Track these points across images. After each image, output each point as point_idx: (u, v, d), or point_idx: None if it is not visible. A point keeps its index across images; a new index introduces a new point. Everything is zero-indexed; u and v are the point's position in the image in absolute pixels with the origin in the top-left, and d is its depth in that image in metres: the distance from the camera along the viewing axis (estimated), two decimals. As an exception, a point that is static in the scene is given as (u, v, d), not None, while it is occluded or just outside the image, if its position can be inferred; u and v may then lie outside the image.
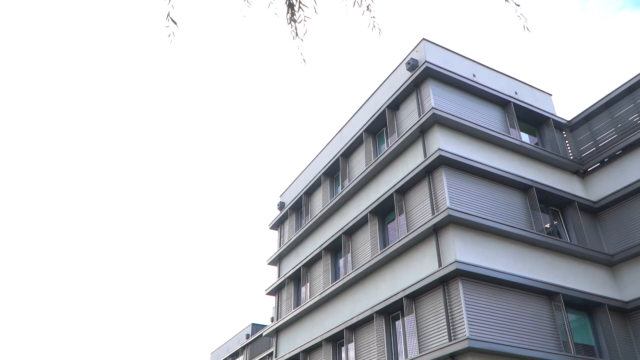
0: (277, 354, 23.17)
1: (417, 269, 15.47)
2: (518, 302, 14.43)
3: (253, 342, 45.53)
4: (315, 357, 19.98)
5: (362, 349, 17.19)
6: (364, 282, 18.00)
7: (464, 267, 13.68)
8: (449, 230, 14.64)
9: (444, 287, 14.19)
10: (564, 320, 14.79)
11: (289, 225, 25.62)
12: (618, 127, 18.25)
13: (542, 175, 17.70)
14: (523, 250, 15.47)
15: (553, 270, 15.66)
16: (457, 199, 15.19)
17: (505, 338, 13.48)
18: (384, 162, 18.47)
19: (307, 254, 22.64)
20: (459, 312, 13.44)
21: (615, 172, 17.90)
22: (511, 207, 16.24)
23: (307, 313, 21.29)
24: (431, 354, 13.58)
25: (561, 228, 17.57)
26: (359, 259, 18.78)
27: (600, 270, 16.84)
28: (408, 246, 16.02)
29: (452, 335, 13.41)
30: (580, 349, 15.01)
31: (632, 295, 16.21)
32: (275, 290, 24.98)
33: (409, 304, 15.29)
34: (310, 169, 24.82)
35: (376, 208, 18.24)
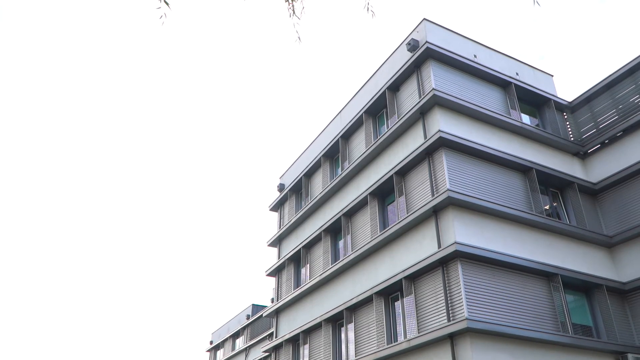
0: (277, 334, 23.40)
1: (416, 251, 15.55)
2: (517, 283, 14.52)
3: (253, 322, 45.98)
4: (315, 337, 20.18)
5: (361, 330, 17.35)
6: (363, 263, 18.10)
7: (463, 249, 13.74)
8: (448, 212, 14.67)
9: (443, 268, 14.28)
10: (562, 301, 14.91)
11: (289, 207, 25.67)
12: (619, 108, 18.18)
13: (542, 157, 17.68)
14: (522, 231, 15.53)
15: (552, 252, 15.74)
16: (457, 180, 15.20)
17: (504, 318, 13.60)
18: (384, 144, 18.43)
19: (307, 235, 22.73)
20: (458, 293, 13.54)
21: (615, 154, 17.88)
22: (511, 189, 16.26)
23: (307, 294, 21.44)
24: (430, 334, 13.71)
25: (560, 209, 17.61)
26: (359, 240, 18.85)
27: (599, 251, 16.93)
28: (407, 228, 16.07)
29: (451, 316, 13.53)
30: (578, 330, 15.16)
31: (630, 277, 16.32)
32: (275, 272, 25.14)
33: (408, 285, 15.39)
34: (310, 151, 24.79)
35: (376, 190, 18.26)
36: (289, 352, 21.73)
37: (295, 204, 25.28)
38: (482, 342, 12.92)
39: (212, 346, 55.91)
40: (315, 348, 19.90)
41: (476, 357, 12.59)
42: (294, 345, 21.75)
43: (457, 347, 13.12)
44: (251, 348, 44.93)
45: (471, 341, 12.77)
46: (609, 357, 14.91)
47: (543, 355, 13.70)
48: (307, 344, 20.52)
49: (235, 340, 50.38)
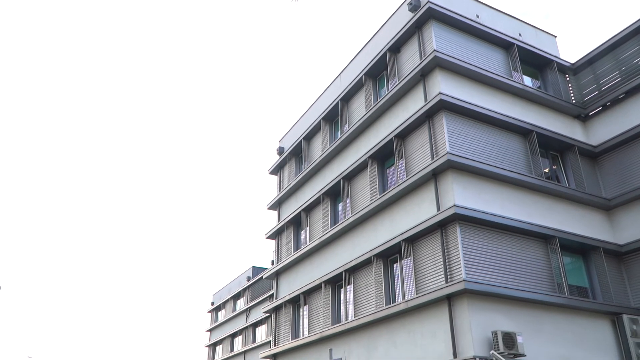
0: (277, 295, 23.75)
1: (415, 213, 15.61)
2: (514, 245, 14.64)
3: (254, 284, 46.67)
4: (314, 298, 20.49)
5: (360, 291, 17.59)
6: (362, 226, 18.20)
7: (462, 211, 13.79)
8: (448, 175, 14.66)
9: (442, 230, 14.36)
10: (559, 263, 15.06)
11: (289, 170, 25.66)
12: (622, 70, 17.94)
13: (543, 120, 17.55)
14: (521, 194, 15.56)
15: (550, 214, 15.81)
16: (457, 143, 15.12)
17: (501, 280, 13.76)
18: (384, 107, 18.27)
19: (306, 198, 22.80)
20: (456, 255, 13.66)
21: (616, 116, 17.75)
22: (511, 152, 16.20)
23: (306, 256, 21.66)
24: (428, 296, 13.90)
25: (560, 172, 17.60)
26: (358, 203, 18.91)
27: (597, 214, 17.01)
28: (407, 191, 16.09)
29: (449, 278, 13.68)
30: (574, 291, 15.37)
31: (627, 239, 16.44)
32: (275, 234, 25.33)
33: (407, 248, 15.52)
34: (309, 114, 24.60)
35: (376, 153, 18.20)
36: (289, 312, 22.10)
37: (294, 167, 25.26)
38: (479, 303, 13.11)
39: (214, 307, 56.91)
40: (315, 309, 20.22)
41: (473, 317, 12.80)
42: (294, 306, 22.11)
43: (454, 308, 13.33)
44: (252, 309, 45.75)
45: (468, 302, 12.96)
46: (604, 318, 15.17)
47: (539, 316, 13.94)
48: (306, 305, 20.85)
49: (236, 302, 51.26)
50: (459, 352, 12.78)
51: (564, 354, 13.76)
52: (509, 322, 13.29)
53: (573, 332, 14.31)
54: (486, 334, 12.71)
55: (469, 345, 12.53)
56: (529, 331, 13.47)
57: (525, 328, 13.45)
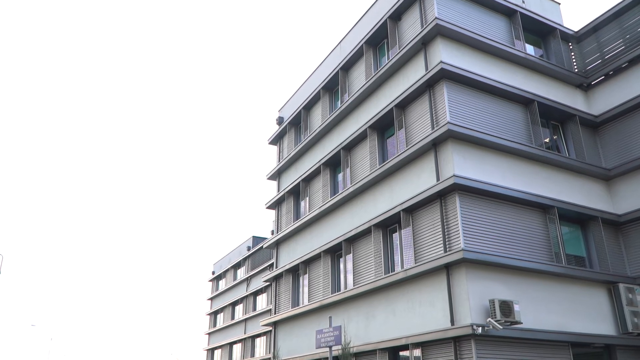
0: (277, 264, 23.97)
1: (415, 184, 15.62)
2: (513, 215, 14.69)
3: (254, 253, 47.07)
4: (314, 267, 20.68)
5: (359, 260, 17.74)
6: (362, 196, 18.23)
7: (462, 182, 13.79)
8: (448, 145, 14.60)
9: (441, 200, 14.39)
10: (557, 233, 15.14)
11: (288, 140, 25.56)
12: (626, 38, 17.69)
13: (544, 89, 17.39)
14: (521, 164, 15.54)
15: (549, 184, 15.82)
16: (457, 113, 15.01)
17: (499, 249, 13.86)
18: (384, 76, 18.07)
19: (306, 168, 22.78)
20: (455, 225, 13.72)
21: (619, 86, 17.58)
22: (512, 122, 16.11)
23: (306, 226, 21.77)
24: (426, 265, 14.02)
25: (560, 142, 17.54)
26: (358, 173, 18.91)
27: (597, 184, 17.02)
28: (407, 161, 16.06)
29: (448, 247, 13.78)
30: (572, 260, 15.50)
31: (626, 209, 16.50)
32: (275, 204, 25.40)
33: (406, 217, 15.57)
34: (309, 83, 24.36)
35: (376, 123, 18.09)
36: (289, 281, 22.34)
37: (294, 137, 25.16)
38: (477, 272, 13.24)
39: (214, 276, 57.55)
40: (315, 278, 20.43)
41: (471, 286, 12.94)
42: (294, 275, 22.33)
43: (452, 276, 13.46)
44: (252, 278, 46.26)
45: (466, 271, 13.08)
46: (600, 286, 15.34)
47: (536, 285, 14.09)
48: (306, 274, 21.06)
49: (236, 271, 51.79)
50: (456, 320, 12.97)
51: (559, 322, 13.96)
52: (506, 290, 13.45)
53: (569, 301, 14.49)
54: (483, 302, 12.87)
55: (467, 313, 12.69)
56: (525, 299, 13.64)
57: (522, 296, 13.61)
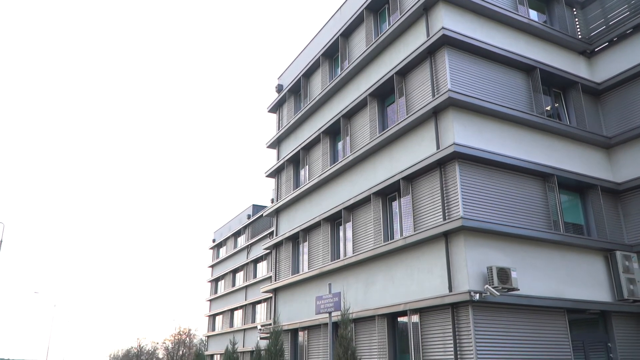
0: (277, 232, 24.12)
1: (415, 152, 15.57)
2: (513, 183, 14.70)
3: (254, 222, 47.34)
4: (314, 235, 20.81)
5: (359, 228, 17.83)
6: (362, 164, 18.21)
7: (462, 150, 13.74)
8: (448, 113, 14.50)
9: (441, 169, 14.37)
10: (556, 201, 15.18)
11: (288, 108, 25.38)
12: (631, 3, 17.36)
13: (547, 56, 17.16)
14: (522, 132, 15.46)
15: (550, 153, 15.78)
16: (458, 80, 14.85)
17: (498, 217, 13.91)
18: (385, 42, 17.81)
19: (306, 137, 22.68)
20: (454, 193, 13.74)
21: (622, 53, 17.35)
22: (513, 89, 15.95)
23: (306, 194, 21.81)
24: (425, 232, 14.10)
25: (562, 110, 17.42)
26: (358, 141, 18.83)
27: (597, 152, 16.98)
28: (407, 129, 15.97)
29: (447, 215, 13.83)
30: (570, 228, 15.58)
31: (625, 177, 16.50)
32: (274, 173, 25.40)
33: (405, 186, 15.58)
34: (309, 50, 24.03)
35: (376, 90, 17.92)
36: (289, 249, 22.52)
37: (294, 105, 24.98)
38: (476, 240, 13.32)
39: (215, 244, 58.04)
40: (314, 246, 20.59)
41: (469, 254, 13.04)
42: (294, 243, 22.50)
43: (451, 244, 13.55)
44: (252, 246, 46.64)
45: (465, 239, 13.17)
46: (597, 254, 15.47)
47: (534, 252, 14.20)
48: (306, 241, 21.21)
49: (237, 239, 52.18)
50: (454, 287, 13.12)
51: (556, 289, 14.13)
52: (504, 258, 13.56)
53: (566, 268, 14.63)
54: (481, 269, 12.99)
55: (464, 280, 12.83)
56: (523, 267, 13.77)
57: (520, 264, 13.73)
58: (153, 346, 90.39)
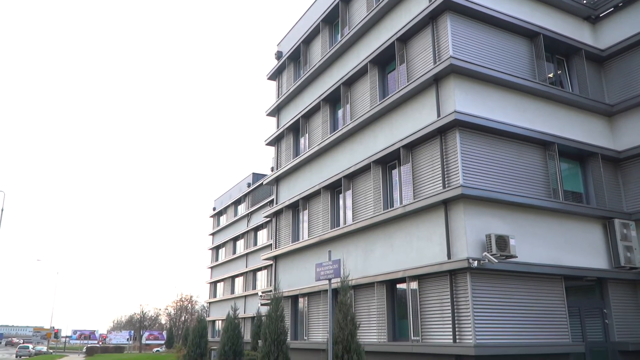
0: (277, 201, 24.19)
1: (415, 120, 15.47)
2: (513, 151, 14.65)
3: (254, 190, 47.45)
4: (314, 203, 20.88)
5: (358, 196, 17.87)
6: (362, 132, 18.12)
7: (463, 118, 13.64)
8: (450, 80, 14.34)
9: (441, 137, 14.30)
10: (556, 169, 15.16)
11: (287, 76, 25.12)
12: (639, -33, 16.96)
13: (551, 21, 16.86)
14: (523, 100, 15.32)
15: (551, 121, 15.68)
16: (460, 47, 14.63)
17: (497, 185, 13.92)
18: (386, 8, 17.49)
19: (305, 104, 22.51)
20: (455, 161, 13.71)
21: (627, 18, 17.04)
22: (516, 56, 15.73)
23: (306, 163, 21.79)
24: (425, 201, 14.14)
25: (564, 77, 17.23)
26: (358, 109, 18.70)
27: (599, 120, 16.87)
28: (408, 96, 15.84)
29: (447, 183, 13.83)
30: (569, 196, 15.61)
31: (626, 145, 16.44)
32: (274, 141, 25.31)
33: (406, 154, 15.54)
34: (308, 16, 23.63)
35: (377, 57, 17.69)
36: (289, 217, 22.63)
37: (293, 73, 24.71)
38: (475, 208, 13.36)
39: (215, 212, 58.32)
40: (314, 214, 20.67)
41: (468, 222, 13.10)
42: (294, 211, 22.59)
43: (450, 212, 13.60)
44: (252, 214, 46.86)
45: (464, 207, 13.20)
46: (596, 222, 15.54)
47: (533, 220, 14.27)
48: (306, 209, 21.29)
49: (237, 207, 52.40)
50: (453, 254, 13.22)
51: (554, 256, 14.25)
52: (503, 225, 13.62)
53: (565, 236, 14.72)
54: (480, 237, 13.07)
55: (463, 247, 12.92)
56: (521, 235, 13.85)
57: (519, 232, 13.81)
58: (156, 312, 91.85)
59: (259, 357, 14.13)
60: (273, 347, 13.86)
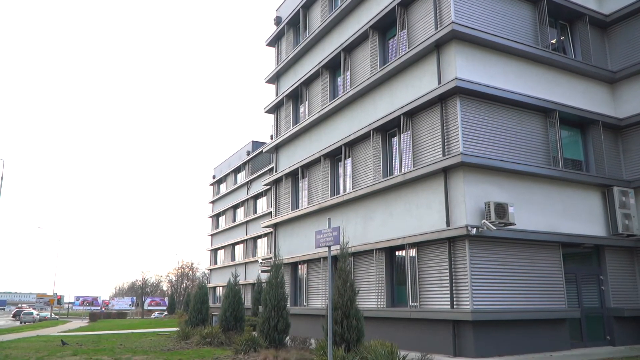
0: (277, 169, 24.18)
1: (416, 87, 15.33)
2: (514, 119, 14.57)
3: (254, 158, 47.39)
4: (313, 171, 20.87)
5: (358, 164, 17.86)
6: (362, 100, 17.98)
7: (464, 85, 13.50)
8: (451, 46, 14.14)
9: (442, 104, 14.19)
10: (556, 136, 15.10)
11: (287, 42, 24.76)
12: None
13: (555, -14, 16.52)
14: (525, 67, 15.15)
15: (553, 88, 15.54)
16: (462, 12, 14.37)
17: (497, 153, 13.89)
18: (387, -28, 17.11)
19: (305, 71, 22.27)
20: (455, 129, 13.64)
21: (634, -17, 16.71)
22: (519, 22, 15.47)
23: (305, 130, 21.69)
24: (425, 168, 14.13)
25: (567, 44, 16.99)
26: (358, 76, 18.50)
27: (601, 87, 16.72)
28: (408, 63, 15.65)
29: (446, 151, 13.79)
30: (569, 164, 15.60)
31: (627, 113, 16.34)
32: (274, 109, 25.13)
33: (406, 122, 15.45)
34: (307, -20, 23.13)
35: (377, 23, 17.40)
36: (289, 185, 22.66)
37: (293, 39, 24.35)
38: (474, 176, 13.36)
39: (215, 180, 58.40)
40: (314, 181, 20.69)
41: (467, 189, 13.12)
42: (294, 179, 22.61)
43: (450, 180, 13.60)
44: (252, 182, 46.92)
45: (464, 174, 13.20)
46: (595, 189, 15.58)
47: (532, 188, 14.29)
48: (306, 177, 21.30)
49: (236, 175, 52.44)
50: (452, 222, 13.29)
51: (552, 223, 14.33)
52: (502, 193, 13.65)
53: (563, 203, 14.77)
54: (479, 204, 13.11)
55: (462, 215, 12.98)
56: (520, 202, 13.89)
57: (518, 199, 13.85)
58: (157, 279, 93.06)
59: (260, 322, 14.35)
60: (273, 312, 14.06)
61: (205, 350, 14.98)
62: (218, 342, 16.56)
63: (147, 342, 18.69)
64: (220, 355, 13.44)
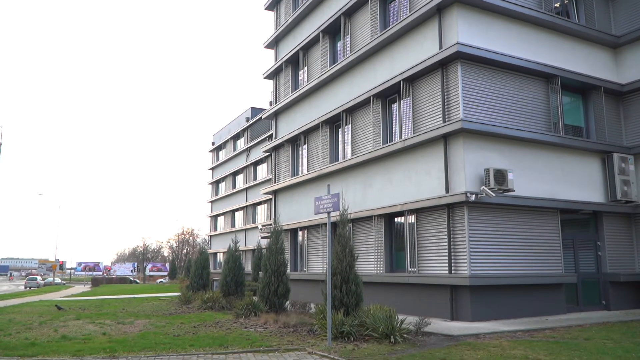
0: (276, 135, 24.08)
1: (416, 52, 15.12)
2: (515, 84, 14.43)
3: (253, 124, 47.13)
4: (313, 138, 20.79)
5: (358, 131, 17.77)
6: (362, 65, 17.76)
7: (465, 50, 13.32)
8: (453, 10, 13.89)
9: (443, 70, 14.03)
10: (557, 102, 14.99)
11: (286, 6, 24.31)
12: None
13: (560, -52, 16.13)
14: (528, 31, 14.91)
15: (555, 53, 15.33)
16: (465, -26, 14.04)
17: (497, 120, 13.81)
18: None
19: (304, 36, 21.93)
20: (455, 95, 13.52)
21: (641, -56, 16.29)
22: (522, -15, 15.15)
23: (305, 96, 21.50)
24: (425, 135, 14.06)
25: (571, 8, 16.68)
26: (358, 41, 18.23)
27: (603, 52, 16.51)
28: (409, 28, 15.39)
29: (447, 117, 13.71)
30: (569, 130, 15.53)
31: (630, 78, 16.18)
32: (273, 74, 24.86)
33: (406, 87, 15.31)
34: (306, -59, 22.54)
35: (377, -14, 17.04)
36: (288, 152, 22.61)
37: (292, 2, 23.89)
38: (474, 142, 13.32)
39: (214, 147, 58.23)
40: (314, 148, 20.64)
41: (467, 156, 13.09)
42: (293, 146, 22.55)
43: (449, 147, 13.56)
44: (252, 149, 46.81)
45: (464, 141, 13.15)
46: (594, 156, 15.56)
47: (532, 154, 14.27)
48: (305, 144, 21.24)
49: (236, 142, 52.26)
50: (451, 188, 13.31)
51: (551, 189, 14.36)
52: (502, 159, 13.64)
53: (562, 170, 14.78)
54: (479, 171, 13.11)
55: (462, 181, 12.99)
56: (520, 168, 13.89)
57: (517, 166, 13.84)
58: (158, 245, 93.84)
59: (260, 287, 14.53)
60: (273, 278, 14.22)
61: (206, 315, 15.22)
62: (219, 306, 16.81)
63: (149, 307, 18.98)
64: (221, 319, 13.66)
